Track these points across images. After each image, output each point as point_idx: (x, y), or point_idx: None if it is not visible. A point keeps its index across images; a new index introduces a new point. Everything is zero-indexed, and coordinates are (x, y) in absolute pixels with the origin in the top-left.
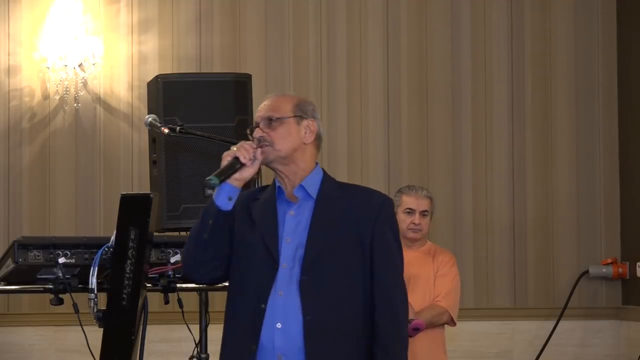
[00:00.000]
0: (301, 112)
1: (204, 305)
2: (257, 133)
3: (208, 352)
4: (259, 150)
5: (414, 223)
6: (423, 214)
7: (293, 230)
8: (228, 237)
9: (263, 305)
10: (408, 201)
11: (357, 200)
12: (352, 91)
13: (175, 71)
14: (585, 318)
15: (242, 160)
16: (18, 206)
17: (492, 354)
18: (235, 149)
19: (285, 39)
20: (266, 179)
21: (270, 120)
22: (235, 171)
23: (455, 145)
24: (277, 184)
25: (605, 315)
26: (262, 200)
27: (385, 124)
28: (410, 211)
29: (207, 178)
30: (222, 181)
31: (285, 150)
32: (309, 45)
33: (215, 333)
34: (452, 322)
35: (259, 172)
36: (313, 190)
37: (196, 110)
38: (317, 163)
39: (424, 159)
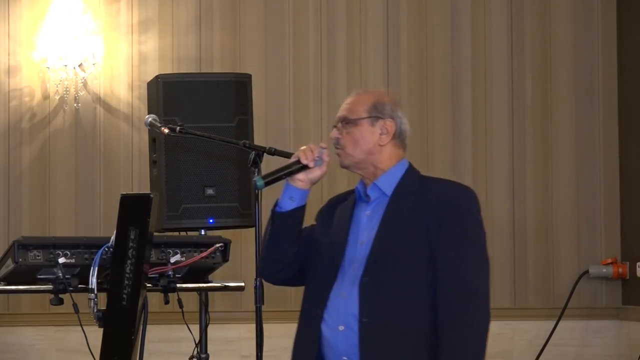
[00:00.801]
0: (377, 112)
1: (204, 305)
2: (334, 134)
3: (208, 352)
4: (326, 151)
5: None
6: None
7: (369, 231)
8: (296, 239)
9: (319, 311)
10: None
11: (432, 193)
12: (352, 91)
13: (175, 71)
14: (585, 318)
15: (303, 161)
16: (18, 206)
17: (492, 353)
18: (302, 148)
19: (285, 39)
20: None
21: (345, 122)
22: (292, 172)
23: (455, 145)
24: (359, 186)
25: (605, 315)
26: (347, 202)
27: None
28: None
29: (254, 179)
30: (268, 183)
31: (359, 154)
32: (309, 45)
33: (215, 333)
34: None
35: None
36: (389, 188)
37: (196, 110)
38: (403, 158)
39: (424, 159)
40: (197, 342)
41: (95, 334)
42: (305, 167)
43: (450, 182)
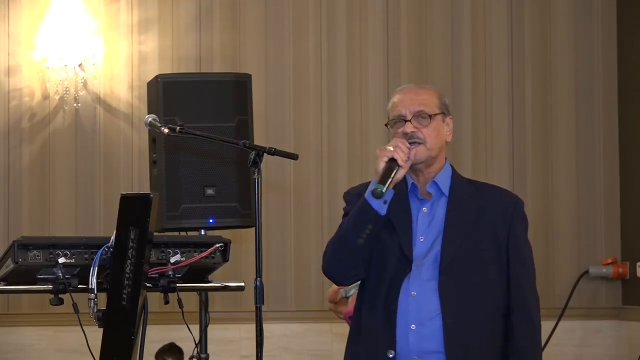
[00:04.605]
0: (445, 108)
1: (204, 305)
2: (409, 128)
3: (208, 352)
4: (413, 150)
5: None
6: None
7: (426, 228)
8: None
9: (394, 307)
10: None
11: (491, 198)
12: (352, 91)
13: (175, 71)
14: (585, 318)
15: (400, 162)
16: (18, 206)
17: None
18: (391, 148)
19: (285, 39)
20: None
21: (421, 116)
22: (395, 174)
23: (456, 145)
24: (411, 180)
25: (605, 315)
26: (395, 195)
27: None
28: None
29: (373, 188)
30: (387, 188)
31: (436, 149)
32: (309, 45)
33: (215, 333)
34: None
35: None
36: (445, 187)
37: (196, 110)
38: (445, 158)
39: None
40: (197, 342)
41: (95, 334)
42: (399, 168)
43: (499, 187)
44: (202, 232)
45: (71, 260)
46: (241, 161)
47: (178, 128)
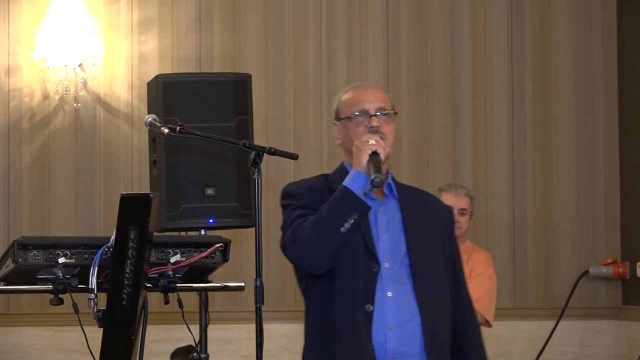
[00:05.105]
0: (395, 109)
1: (204, 305)
2: (375, 122)
3: (208, 352)
4: (387, 146)
5: None
6: (462, 212)
7: (385, 228)
8: None
9: (371, 307)
10: (447, 199)
11: (431, 202)
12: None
13: (175, 71)
14: (585, 318)
15: (382, 156)
16: (18, 206)
17: (492, 353)
18: (373, 142)
19: (285, 39)
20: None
21: (383, 113)
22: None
23: (456, 146)
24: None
25: (605, 315)
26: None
27: None
28: None
29: (373, 177)
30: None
31: (391, 148)
32: (309, 45)
33: (215, 333)
34: (486, 324)
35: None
36: (393, 189)
37: (196, 110)
38: None
39: (424, 159)
40: (197, 342)
41: (95, 334)
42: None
43: (428, 192)
44: (202, 232)
45: (71, 260)
46: (241, 161)
47: (178, 128)
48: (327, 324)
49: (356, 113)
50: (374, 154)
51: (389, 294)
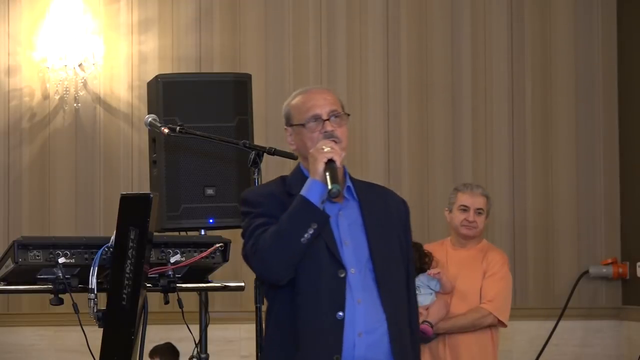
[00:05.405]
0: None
1: (204, 305)
2: (329, 127)
3: (208, 352)
4: (341, 149)
5: (467, 220)
6: (478, 211)
7: (347, 232)
8: None
9: (342, 313)
10: (463, 198)
11: (388, 199)
12: (352, 91)
13: (175, 71)
14: (585, 318)
15: (338, 163)
16: (18, 206)
17: None
18: (327, 149)
19: (285, 39)
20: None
21: (335, 115)
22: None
23: (456, 145)
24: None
25: (605, 315)
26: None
27: (385, 124)
28: (465, 208)
29: (331, 188)
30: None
31: (346, 149)
32: (309, 45)
33: (215, 333)
34: (500, 324)
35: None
36: (352, 190)
37: (196, 110)
38: None
39: (424, 159)
40: (197, 342)
41: (95, 334)
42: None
43: (387, 188)
44: (202, 232)
45: (71, 260)
46: (241, 161)
47: (178, 128)
48: (289, 332)
49: (309, 119)
50: (330, 161)
51: (359, 300)
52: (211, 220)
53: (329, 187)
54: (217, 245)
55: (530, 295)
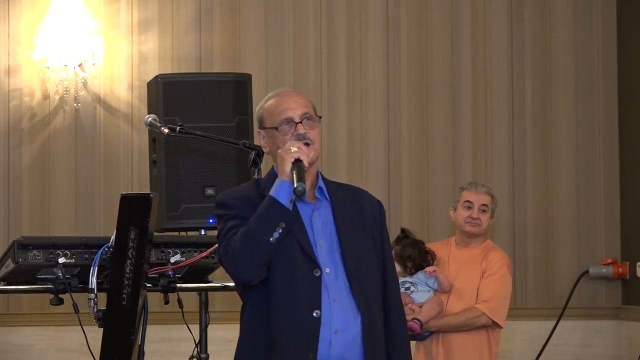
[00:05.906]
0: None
1: (204, 305)
2: (302, 129)
3: (208, 352)
4: (312, 151)
5: (471, 217)
6: (482, 209)
7: (321, 232)
8: None
9: (318, 312)
10: (467, 195)
11: (362, 199)
12: (352, 91)
13: (175, 71)
14: (585, 318)
15: (306, 163)
16: (18, 206)
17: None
18: (295, 149)
19: (285, 39)
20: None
21: (308, 118)
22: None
23: (456, 145)
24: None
25: (605, 315)
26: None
27: (385, 124)
28: (469, 205)
29: (296, 186)
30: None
31: (320, 151)
32: (309, 45)
33: (215, 333)
34: (494, 325)
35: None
36: (324, 191)
37: (196, 110)
38: None
39: (424, 159)
40: (197, 342)
41: (95, 334)
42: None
43: (361, 189)
44: (202, 232)
45: (71, 260)
46: (241, 161)
47: (178, 128)
48: (264, 331)
49: (282, 122)
50: (298, 161)
51: (335, 299)
52: (211, 220)
53: (294, 185)
54: (217, 245)
55: (530, 295)
